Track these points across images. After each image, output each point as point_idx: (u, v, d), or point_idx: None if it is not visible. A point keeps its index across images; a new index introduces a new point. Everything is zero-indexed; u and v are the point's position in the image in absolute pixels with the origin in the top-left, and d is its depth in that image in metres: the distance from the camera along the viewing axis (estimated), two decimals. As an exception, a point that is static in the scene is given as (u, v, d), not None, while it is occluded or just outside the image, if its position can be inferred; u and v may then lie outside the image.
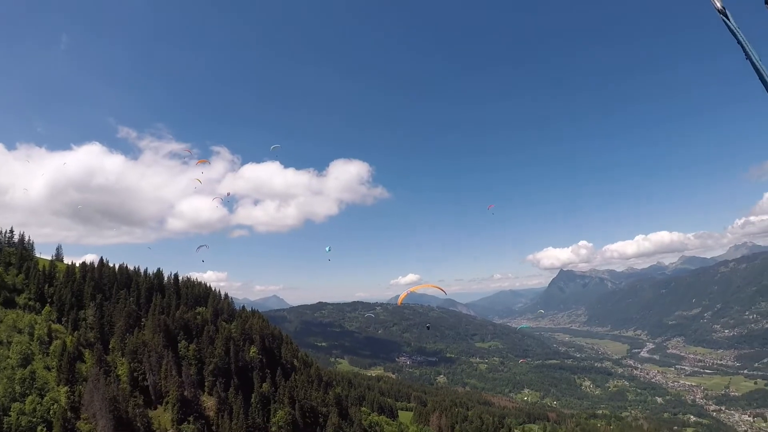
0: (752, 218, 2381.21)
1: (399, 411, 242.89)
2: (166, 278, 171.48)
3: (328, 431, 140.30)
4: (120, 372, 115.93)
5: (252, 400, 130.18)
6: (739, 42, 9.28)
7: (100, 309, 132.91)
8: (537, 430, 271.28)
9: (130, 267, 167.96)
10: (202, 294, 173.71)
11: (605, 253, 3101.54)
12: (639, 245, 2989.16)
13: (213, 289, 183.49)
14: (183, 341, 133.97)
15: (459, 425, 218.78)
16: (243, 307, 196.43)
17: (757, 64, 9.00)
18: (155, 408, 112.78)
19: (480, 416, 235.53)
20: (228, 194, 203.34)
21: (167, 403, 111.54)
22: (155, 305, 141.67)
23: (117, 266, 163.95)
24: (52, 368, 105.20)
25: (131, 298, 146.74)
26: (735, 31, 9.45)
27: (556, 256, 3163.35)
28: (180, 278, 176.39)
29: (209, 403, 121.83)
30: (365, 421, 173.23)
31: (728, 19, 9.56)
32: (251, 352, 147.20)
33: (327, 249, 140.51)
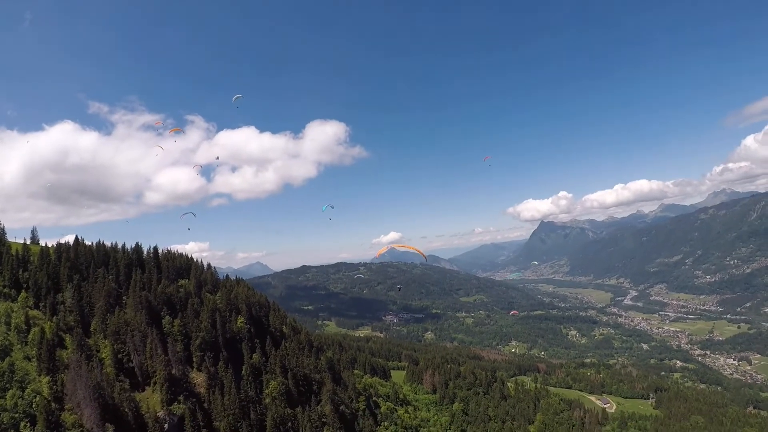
0: (730, 165, 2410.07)
1: (391, 371, 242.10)
2: (145, 253, 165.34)
3: (323, 398, 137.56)
4: (103, 355, 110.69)
5: (243, 372, 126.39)
6: None
7: (78, 290, 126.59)
8: (529, 382, 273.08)
9: (111, 243, 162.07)
10: (183, 266, 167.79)
11: (585, 203, 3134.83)
12: (618, 194, 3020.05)
13: (195, 260, 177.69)
14: (167, 317, 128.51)
15: (452, 381, 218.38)
16: (227, 276, 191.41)
17: None
18: (143, 390, 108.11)
19: (473, 371, 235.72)
20: (217, 158, 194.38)
21: (155, 383, 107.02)
22: (135, 281, 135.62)
23: (94, 244, 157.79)
24: (32, 358, 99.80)
25: (110, 276, 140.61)
26: None
27: (536, 207, 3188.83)
28: (160, 251, 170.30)
29: (199, 379, 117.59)
30: (359, 384, 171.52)
31: None
32: (238, 323, 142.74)
33: (323, 208, 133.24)
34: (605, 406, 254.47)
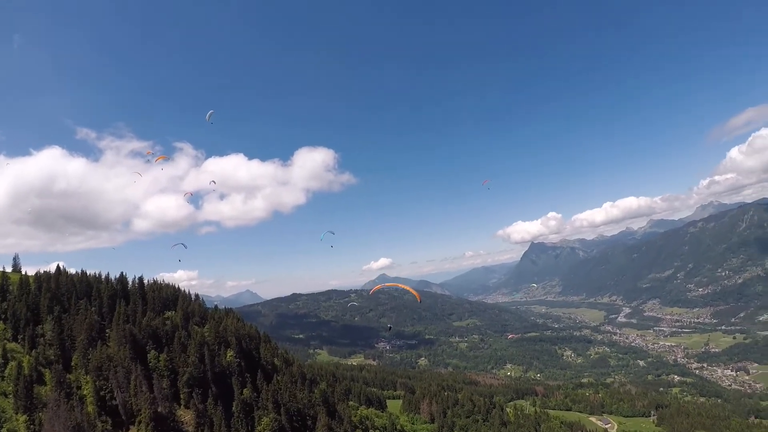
0: (717, 177, 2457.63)
1: (387, 400, 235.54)
2: (130, 283, 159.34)
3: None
4: (85, 392, 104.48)
5: (233, 408, 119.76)
6: None
7: (59, 323, 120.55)
8: (528, 406, 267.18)
9: (95, 273, 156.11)
10: (170, 297, 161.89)
11: (575, 223, 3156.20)
12: (607, 212, 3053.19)
13: (182, 290, 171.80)
14: (152, 351, 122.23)
15: (450, 410, 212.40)
16: (216, 306, 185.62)
17: None
18: (127, 429, 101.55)
19: (470, 398, 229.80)
20: (213, 182, 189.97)
21: (140, 422, 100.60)
22: (119, 314, 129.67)
23: (79, 273, 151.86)
24: (9, 394, 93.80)
25: (93, 308, 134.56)
26: None
27: (525, 229, 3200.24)
28: (146, 281, 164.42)
29: (187, 417, 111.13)
30: (355, 417, 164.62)
31: None
32: (228, 357, 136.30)
33: (321, 237, 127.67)
34: (606, 426, 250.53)
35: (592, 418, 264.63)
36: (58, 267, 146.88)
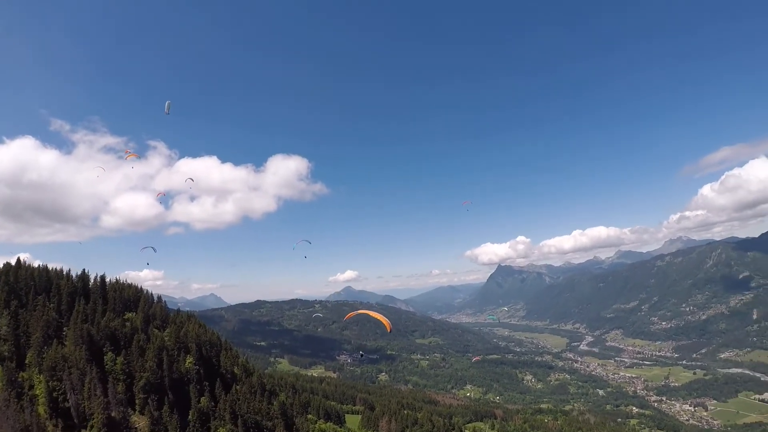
0: (687, 213, 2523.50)
1: (346, 415, 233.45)
2: (92, 281, 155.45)
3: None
4: (37, 392, 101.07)
5: (189, 417, 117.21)
6: None
7: (15, 318, 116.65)
8: (486, 429, 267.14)
9: (56, 268, 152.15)
10: (132, 297, 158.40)
11: (543, 248, 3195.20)
12: (576, 240, 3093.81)
13: (144, 291, 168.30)
14: (110, 353, 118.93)
15: (409, 429, 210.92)
16: (178, 310, 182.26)
17: None
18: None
19: (430, 419, 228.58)
20: (191, 180, 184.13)
21: (92, 426, 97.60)
22: (78, 312, 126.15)
23: (39, 267, 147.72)
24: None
25: (51, 305, 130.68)
26: None
27: (494, 251, 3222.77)
28: (108, 280, 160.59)
29: (141, 423, 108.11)
30: (313, 431, 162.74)
31: None
32: (187, 363, 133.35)
33: (293, 246, 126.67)
34: None
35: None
36: (18, 260, 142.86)
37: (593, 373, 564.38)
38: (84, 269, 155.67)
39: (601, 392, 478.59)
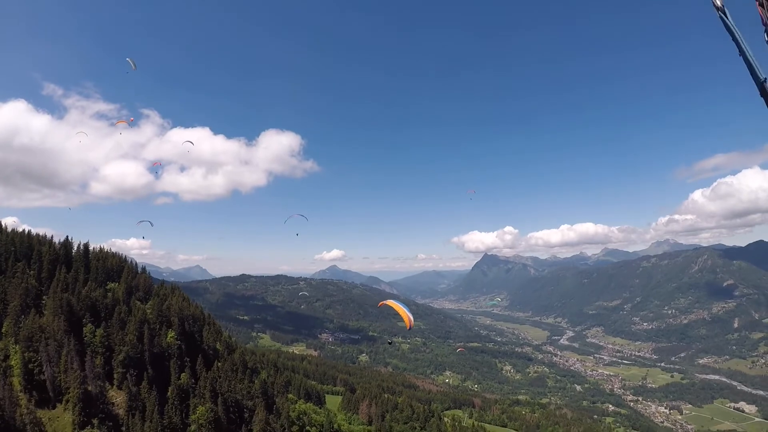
0: (677, 217, 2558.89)
1: (326, 395, 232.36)
2: (75, 248, 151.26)
3: (254, 428, 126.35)
4: (13, 362, 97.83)
5: (168, 394, 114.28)
6: (734, 39, 9.02)
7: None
8: (465, 417, 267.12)
9: (39, 233, 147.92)
10: (115, 267, 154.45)
11: (530, 240, 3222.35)
12: (564, 234, 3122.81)
13: (129, 261, 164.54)
14: (89, 325, 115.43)
15: (389, 413, 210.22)
16: (162, 282, 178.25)
17: (750, 60, 8.79)
18: (53, 407, 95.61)
19: (410, 404, 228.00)
20: (190, 143, 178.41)
21: (67, 401, 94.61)
22: (58, 281, 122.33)
23: (21, 232, 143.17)
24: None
25: (32, 272, 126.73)
26: (732, 28, 9.08)
27: (481, 239, 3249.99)
28: (92, 248, 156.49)
29: (119, 399, 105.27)
30: (293, 411, 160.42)
31: (726, 17, 9.15)
32: (169, 338, 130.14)
33: (285, 221, 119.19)
34: None
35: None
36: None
37: (572, 368, 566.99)
38: (67, 236, 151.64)
39: (578, 388, 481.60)
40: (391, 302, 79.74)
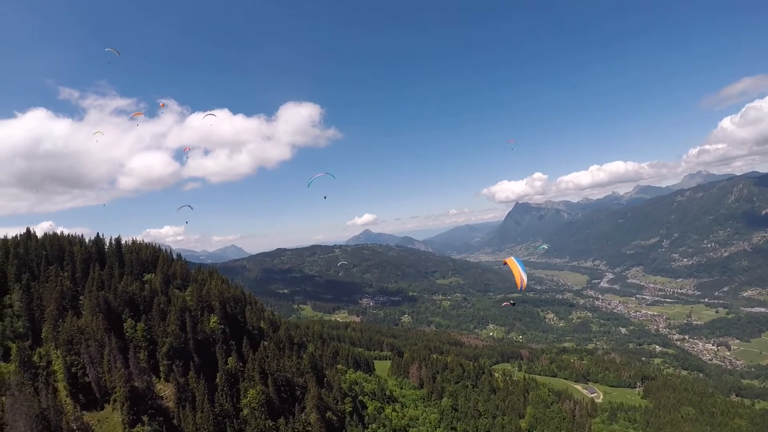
0: (707, 147, 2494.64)
1: (374, 361, 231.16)
2: (107, 244, 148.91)
3: (307, 405, 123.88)
4: (56, 368, 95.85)
5: (217, 380, 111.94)
6: None
7: (28, 291, 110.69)
8: (515, 371, 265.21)
9: (70, 233, 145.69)
10: (149, 258, 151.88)
11: (560, 185, 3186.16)
12: (594, 176, 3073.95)
13: (163, 250, 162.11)
14: (129, 319, 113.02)
15: (440, 374, 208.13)
16: (199, 267, 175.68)
17: None
18: (102, 408, 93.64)
19: (460, 363, 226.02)
20: (212, 115, 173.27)
21: (115, 401, 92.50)
22: (92, 279, 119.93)
23: (49, 235, 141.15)
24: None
25: (65, 274, 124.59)
26: None
27: (510, 189, 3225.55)
28: (124, 242, 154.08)
29: (167, 391, 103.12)
30: (344, 383, 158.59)
31: None
32: (211, 323, 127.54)
33: (308, 184, 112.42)
34: (593, 395, 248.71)
35: (578, 386, 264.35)
36: (27, 230, 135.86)
37: (615, 310, 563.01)
38: (98, 233, 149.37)
39: (623, 330, 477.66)
40: (509, 260, 76.42)
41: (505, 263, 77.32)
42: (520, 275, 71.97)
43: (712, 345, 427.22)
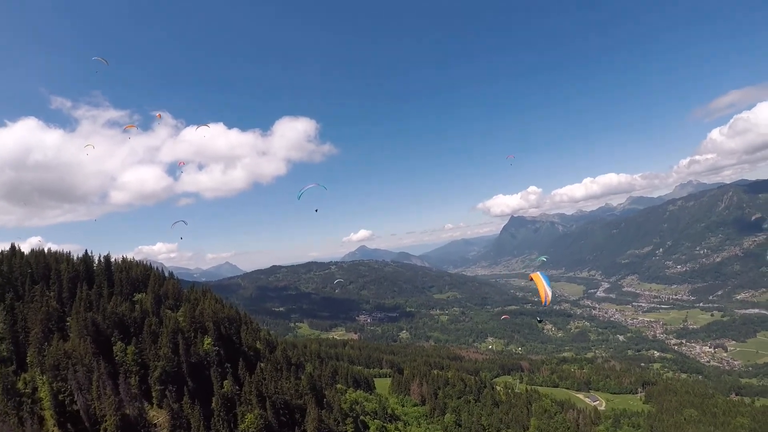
0: (697, 157, 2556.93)
1: (374, 378, 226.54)
2: (96, 262, 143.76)
3: (308, 428, 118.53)
4: (42, 395, 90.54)
5: (213, 405, 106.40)
6: None
7: (12, 312, 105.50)
8: (517, 383, 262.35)
9: (57, 250, 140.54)
10: (140, 276, 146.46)
11: (554, 198, 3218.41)
12: (587, 188, 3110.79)
13: (154, 268, 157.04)
14: (119, 342, 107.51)
15: (442, 390, 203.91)
16: (192, 286, 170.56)
17: None
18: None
19: (461, 378, 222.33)
20: (206, 126, 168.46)
21: (106, 429, 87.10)
22: (80, 299, 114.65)
23: (35, 251, 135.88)
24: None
25: (51, 293, 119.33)
26: None
27: (505, 202, 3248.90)
28: (114, 259, 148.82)
29: (160, 418, 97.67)
30: (344, 403, 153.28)
31: None
32: (205, 345, 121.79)
33: (298, 196, 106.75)
34: (595, 403, 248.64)
35: (580, 395, 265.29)
36: (12, 246, 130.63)
37: (612, 319, 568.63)
38: (87, 250, 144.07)
39: (621, 338, 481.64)
40: (535, 275, 74.13)
41: (531, 279, 74.41)
42: (545, 290, 69.02)
43: (709, 347, 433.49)
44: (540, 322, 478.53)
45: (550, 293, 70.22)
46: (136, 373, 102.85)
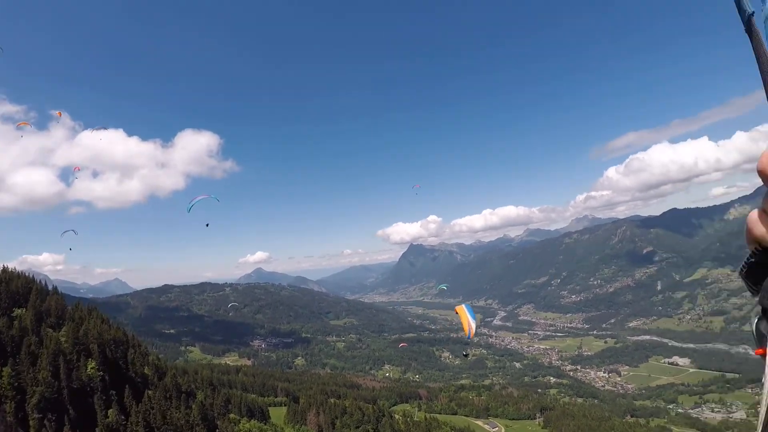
0: (593, 193, 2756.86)
1: (269, 407, 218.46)
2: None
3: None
4: None
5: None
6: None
7: None
8: (415, 411, 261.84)
9: None
10: (21, 290, 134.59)
11: (454, 227, 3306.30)
12: (486, 219, 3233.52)
13: (36, 281, 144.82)
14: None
15: (339, 419, 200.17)
16: (78, 302, 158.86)
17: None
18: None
19: (359, 407, 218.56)
20: (102, 128, 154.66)
21: (-31, 464, 77.72)
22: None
23: None
24: None
25: None
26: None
27: (405, 230, 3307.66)
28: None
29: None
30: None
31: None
32: (89, 369, 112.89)
33: (188, 208, 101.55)
34: (494, 430, 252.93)
35: (479, 422, 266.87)
36: None
37: (508, 346, 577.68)
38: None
39: (518, 365, 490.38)
40: (459, 308, 73.37)
41: (456, 312, 74.44)
42: (469, 323, 68.87)
43: (604, 372, 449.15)
44: (466, 356, 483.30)
45: (474, 326, 70.40)
46: (12, 399, 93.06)
